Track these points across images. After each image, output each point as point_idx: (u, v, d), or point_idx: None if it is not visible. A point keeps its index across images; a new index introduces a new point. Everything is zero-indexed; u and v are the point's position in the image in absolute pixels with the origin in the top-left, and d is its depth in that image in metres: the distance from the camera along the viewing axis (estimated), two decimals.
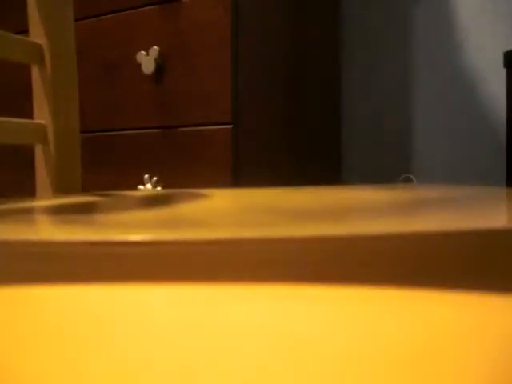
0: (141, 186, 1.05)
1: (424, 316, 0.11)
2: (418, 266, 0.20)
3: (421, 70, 1.29)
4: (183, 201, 0.38)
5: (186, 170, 1.01)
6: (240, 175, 0.98)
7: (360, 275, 0.20)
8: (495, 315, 0.11)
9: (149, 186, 1.04)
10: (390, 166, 1.33)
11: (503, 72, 1.20)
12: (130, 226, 0.25)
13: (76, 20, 1.14)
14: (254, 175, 1.02)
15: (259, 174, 1.03)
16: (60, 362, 0.09)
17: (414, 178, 1.30)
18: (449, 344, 0.10)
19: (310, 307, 0.12)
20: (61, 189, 0.52)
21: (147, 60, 1.02)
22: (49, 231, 0.23)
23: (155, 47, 1.02)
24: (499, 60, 1.20)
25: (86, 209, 0.35)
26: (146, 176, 1.04)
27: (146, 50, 1.04)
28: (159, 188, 1.04)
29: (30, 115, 1.17)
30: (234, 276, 0.20)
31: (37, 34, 0.52)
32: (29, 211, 0.33)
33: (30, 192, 1.21)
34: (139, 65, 1.05)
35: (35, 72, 0.52)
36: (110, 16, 1.09)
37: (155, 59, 1.02)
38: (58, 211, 0.33)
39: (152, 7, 1.04)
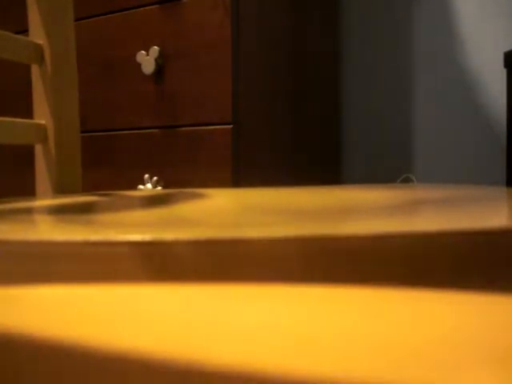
0: (141, 186, 1.05)
1: (424, 316, 0.11)
2: (418, 265, 0.20)
3: (421, 70, 1.29)
4: (183, 201, 0.38)
5: (185, 170, 1.01)
6: (240, 175, 0.98)
7: (360, 275, 0.20)
8: (496, 315, 0.11)
9: (149, 185, 1.04)
10: (390, 166, 1.33)
11: (503, 72, 1.20)
12: (130, 225, 0.25)
13: (76, 20, 1.14)
14: (254, 175, 1.02)
15: (259, 174, 1.03)
16: (60, 362, 0.09)
17: (414, 177, 1.30)
18: (448, 344, 0.10)
19: (310, 307, 0.12)
20: (61, 189, 0.52)
21: (147, 60, 1.02)
22: (49, 231, 0.23)
23: (155, 47, 1.02)
24: (499, 60, 1.20)
25: (85, 209, 0.35)
26: (146, 176, 1.04)
27: (146, 50, 1.04)
28: (159, 188, 1.04)
29: (30, 115, 1.17)
30: (234, 276, 0.20)
31: (37, 34, 0.52)
32: (29, 211, 0.33)
33: (30, 192, 1.21)
34: (139, 65, 1.05)
35: (35, 72, 0.52)
36: (110, 16, 1.09)
37: (155, 59, 1.02)
38: (58, 211, 0.33)
39: (152, 7, 1.04)
